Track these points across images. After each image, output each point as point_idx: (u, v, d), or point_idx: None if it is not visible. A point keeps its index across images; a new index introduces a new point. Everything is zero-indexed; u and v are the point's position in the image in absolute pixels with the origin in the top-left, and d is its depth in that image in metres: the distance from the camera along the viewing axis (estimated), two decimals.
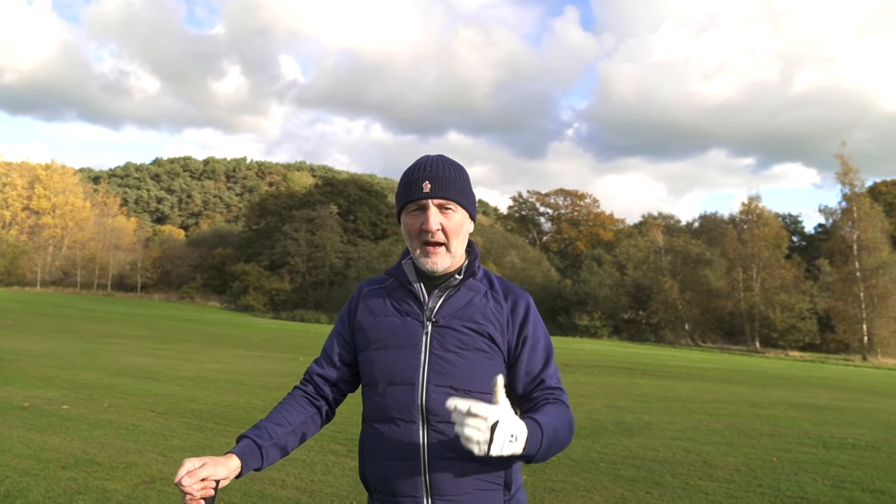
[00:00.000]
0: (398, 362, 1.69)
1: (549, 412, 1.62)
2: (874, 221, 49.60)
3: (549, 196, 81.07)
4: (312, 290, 61.94)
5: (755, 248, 52.56)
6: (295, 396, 1.84)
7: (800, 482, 6.08)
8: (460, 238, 1.72)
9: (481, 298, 1.73)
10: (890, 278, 47.37)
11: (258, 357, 17.20)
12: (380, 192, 78.17)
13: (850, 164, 50.83)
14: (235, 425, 7.60)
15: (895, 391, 18.02)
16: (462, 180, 1.73)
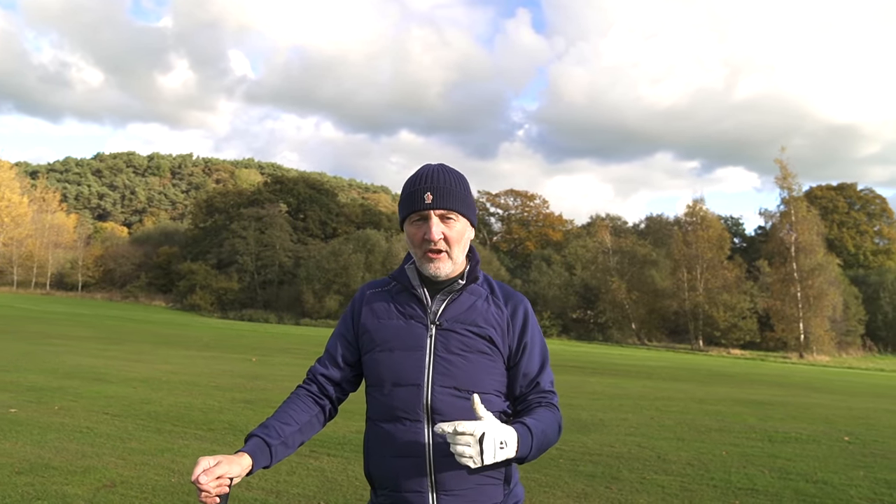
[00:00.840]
0: (404, 364, 1.76)
1: (539, 415, 1.74)
2: (810, 224, 51.58)
3: (500, 196, 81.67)
4: (261, 290, 61.08)
5: (699, 249, 54.03)
6: (300, 396, 1.89)
7: (749, 475, 6.35)
8: (461, 245, 1.79)
9: (483, 303, 1.81)
10: (825, 279, 49.33)
11: (210, 358, 16.93)
12: (330, 190, 77.59)
13: (788, 169, 52.85)
14: (194, 427, 7.51)
15: (831, 387, 18.83)
16: (462, 190, 1.80)
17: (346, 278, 54.87)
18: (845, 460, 7.29)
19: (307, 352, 21.73)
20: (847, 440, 8.59)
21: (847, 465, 7.05)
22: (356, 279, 54.87)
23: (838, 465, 6.98)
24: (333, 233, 67.34)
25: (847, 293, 52.98)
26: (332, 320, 53.50)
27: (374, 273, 55.81)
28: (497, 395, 1.79)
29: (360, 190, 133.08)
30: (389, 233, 62.12)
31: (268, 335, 32.73)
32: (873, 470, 6.84)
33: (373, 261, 56.11)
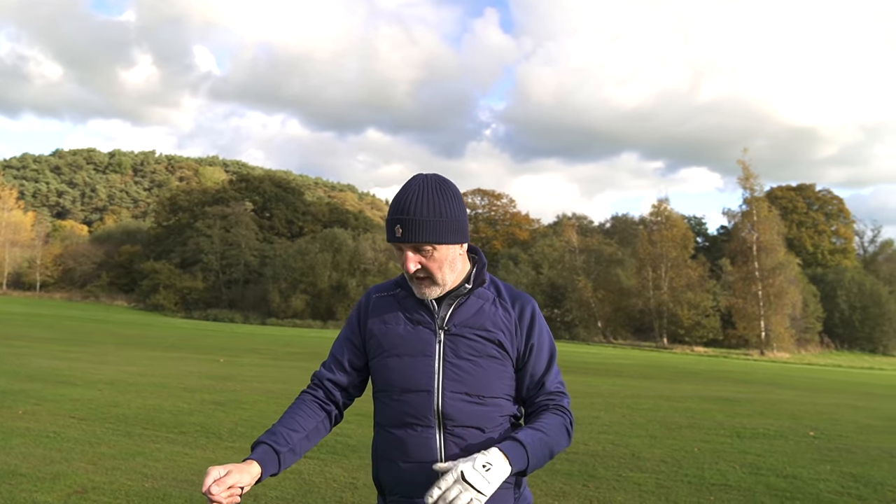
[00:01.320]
0: (413, 369, 1.73)
1: (541, 421, 1.72)
2: (771, 224, 52.75)
3: (467, 195, 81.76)
4: (226, 289, 60.33)
5: (664, 248, 54.84)
6: (305, 401, 1.85)
7: (721, 470, 6.46)
8: (445, 269, 1.72)
9: (490, 306, 1.79)
10: (785, 278, 50.49)
11: (177, 359, 16.65)
12: (296, 189, 76.97)
13: (750, 170, 53.99)
14: (164, 430, 7.37)
15: (793, 383, 19.26)
16: (439, 216, 1.68)
17: (313, 277, 54.51)
18: (812, 455, 7.45)
19: (275, 352, 21.52)
20: (813, 435, 8.78)
21: (814, 459, 7.21)
22: (323, 278, 54.55)
23: (806, 460, 7.13)
24: (300, 231, 66.83)
25: (806, 291, 54.29)
26: (298, 320, 53.13)
27: (341, 272, 55.57)
28: (507, 398, 1.77)
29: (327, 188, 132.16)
30: (356, 232, 61.88)
31: (234, 335, 32.33)
32: (839, 464, 7.00)
33: (340, 260, 55.83)
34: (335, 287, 55.25)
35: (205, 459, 6.09)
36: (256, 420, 8.17)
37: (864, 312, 57.06)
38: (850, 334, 57.48)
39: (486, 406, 1.72)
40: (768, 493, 5.68)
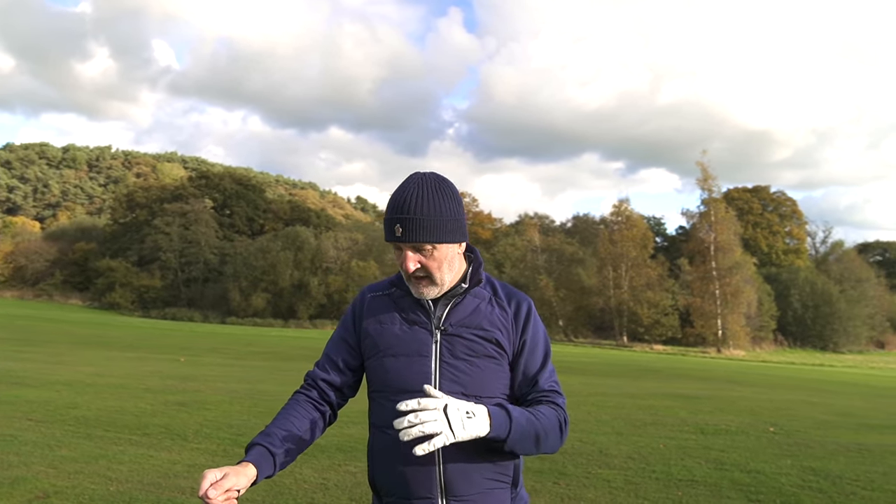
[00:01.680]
0: (410, 370, 1.71)
1: (534, 409, 1.71)
2: (728, 225, 53.88)
3: None
4: (185, 288, 59.25)
5: (624, 248, 55.57)
6: (300, 402, 1.83)
7: (687, 466, 6.57)
8: (444, 269, 1.72)
9: (486, 305, 1.78)
10: (741, 277, 51.65)
11: (136, 359, 16.29)
12: (257, 186, 75.95)
13: (709, 172, 55.03)
14: (127, 431, 7.20)
15: (750, 380, 19.71)
16: (438, 215, 1.67)
17: (275, 276, 53.89)
18: (773, 450, 7.64)
19: (237, 351, 21.23)
20: (772, 431, 9.00)
21: (775, 454, 7.39)
22: (284, 277, 53.96)
23: (768, 455, 7.30)
24: (261, 229, 65.97)
25: (761, 290, 55.56)
26: (259, 319, 52.46)
27: (303, 271, 55.03)
28: (504, 398, 1.76)
29: (288, 186, 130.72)
30: (318, 230, 61.35)
31: (194, 334, 31.76)
32: (799, 458, 7.19)
33: (302, 258, 55.30)
34: (297, 286, 54.68)
35: (170, 461, 5.97)
36: (222, 421, 8.04)
37: (815, 311, 58.61)
38: (802, 332, 58.99)
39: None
40: (734, 488, 5.80)
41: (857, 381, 22.82)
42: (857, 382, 22.28)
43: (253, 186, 72.76)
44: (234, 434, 7.28)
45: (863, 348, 60.08)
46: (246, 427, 7.71)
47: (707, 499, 5.46)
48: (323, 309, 54.60)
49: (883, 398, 15.59)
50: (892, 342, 64.02)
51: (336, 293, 54.37)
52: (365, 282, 55.24)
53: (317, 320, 53.23)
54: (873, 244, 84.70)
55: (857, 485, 6.11)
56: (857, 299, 60.11)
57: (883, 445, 8.26)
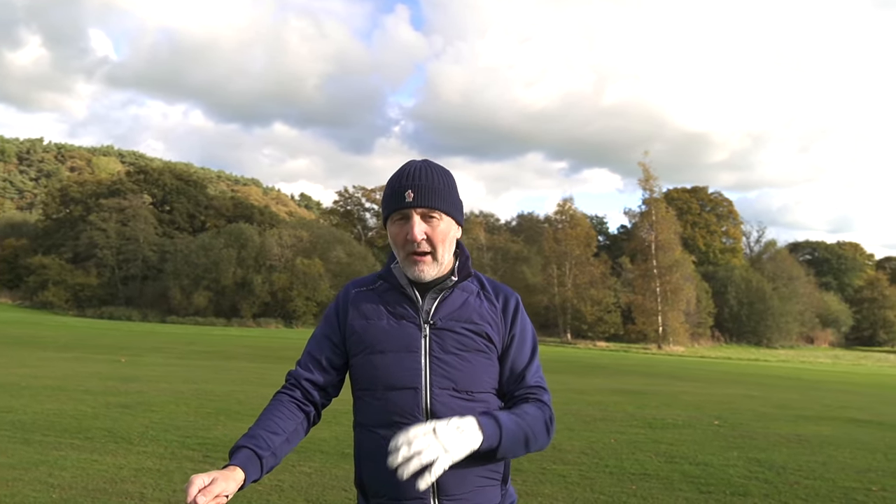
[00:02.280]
0: (399, 366, 1.67)
1: (519, 409, 1.69)
2: (669, 224, 55.30)
3: (375, 192, 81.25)
4: (123, 286, 57.45)
5: (568, 246, 56.45)
6: (283, 402, 1.75)
7: (639, 460, 6.70)
8: (447, 245, 1.71)
9: (475, 299, 1.75)
10: (681, 275, 53.08)
11: (73, 359, 15.68)
12: (198, 182, 74.15)
13: (650, 172, 56.32)
14: (68, 435, 6.91)
15: (692, 375, 20.27)
16: (446, 188, 1.72)
17: (217, 273, 52.75)
18: (719, 443, 7.85)
19: (180, 350, 20.68)
20: (717, 424, 9.26)
21: (722, 447, 7.59)
22: (227, 275, 52.88)
23: (714, 448, 7.50)
24: (202, 226, 64.45)
25: (699, 288, 57.22)
26: (200, 317, 51.30)
27: (247, 269, 54.03)
28: (494, 393, 1.73)
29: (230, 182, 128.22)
30: (262, 227, 60.30)
31: (133, 334, 30.82)
32: (745, 450, 7.41)
33: (245, 255, 54.27)
34: (240, 283, 53.63)
35: (115, 466, 5.76)
36: (168, 422, 7.80)
37: (750, 308, 60.70)
38: (738, 328, 61.02)
39: (474, 402, 1.67)
40: (685, 481, 5.93)
41: (791, 375, 23.73)
42: (791, 376, 23.16)
43: (194, 182, 71.00)
44: (182, 436, 7.07)
45: (794, 343, 62.54)
46: (193, 429, 7.50)
47: (660, 492, 5.57)
48: (267, 307, 53.73)
49: (816, 391, 16.23)
50: (820, 337, 66.84)
51: (280, 291, 53.57)
52: (310, 280, 54.56)
53: (261, 319, 52.36)
54: (803, 244, 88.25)
55: (800, 475, 6.33)
56: (789, 297, 62.50)
57: (820, 436, 8.58)
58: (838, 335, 69.13)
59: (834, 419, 10.34)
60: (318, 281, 54.16)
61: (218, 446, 6.62)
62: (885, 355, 58.12)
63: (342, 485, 5.42)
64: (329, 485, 5.42)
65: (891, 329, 73.33)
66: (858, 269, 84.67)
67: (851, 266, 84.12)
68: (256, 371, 14.97)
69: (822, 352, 59.02)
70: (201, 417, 8.26)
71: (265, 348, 24.83)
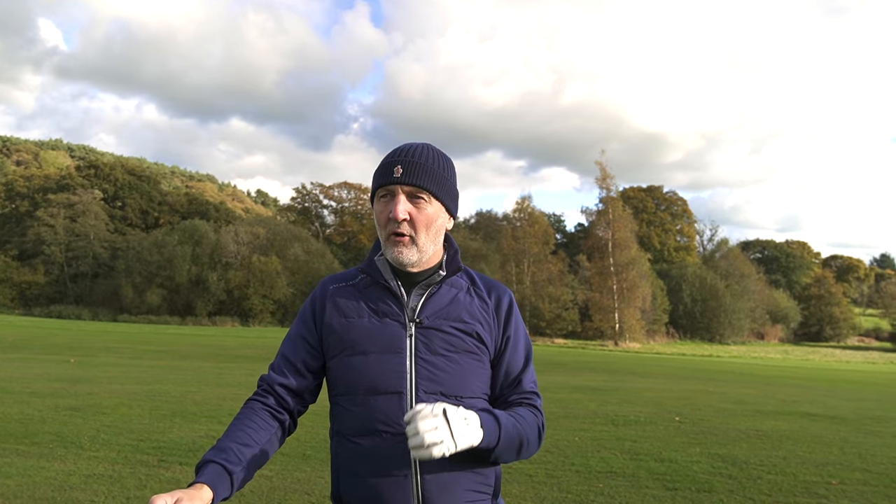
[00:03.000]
0: (381, 368, 1.54)
1: (516, 412, 1.58)
2: (625, 222, 56.04)
3: (333, 189, 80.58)
4: (72, 284, 55.83)
5: (526, 244, 56.81)
6: (255, 410, 1.60)
7: (604, 458, 6.68)
8: (430, 233, 1.58)
9: (465, 295, 1.63)
10: (637, 273, 53.87)
11: (19, 360, 15.09)
12: (151, 177, 72.45)
13: (607, 171, 56.94)
14: (13, 441, 6.59)
15: (649, 372, 20.53)
16: (441, 170, 1.60)
17: (171, 271, 51.63)
18: (681, 439, 7.90)
19: (133, 350, 20.10)
20: (678, 420, 9.33)
21: (684, 443, 7.64)
22: (181, 272, 51.81)
23: (677, 444, 7.54)
24: (156, 223, 63.08)
25: (654, 286, 58.19)
26: (154, 316, 50.16)
27: (202, 266, 53.01)
28: (485, 398, 1.61)
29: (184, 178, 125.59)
30: (218, 224, 59.24)
31: (83, 333, 29.91)
32: (707, 446, 7.47)
33: (200, 253, 53.24)
34: (194, 281, 52.58)
35: (65, 473, 5.49)
36: (121, 426, 7.51)
37: (704, 305, 61.98)
38: (691, 325, 62.24)
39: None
40: (651, 478, 5.92)
41: (745, 371, 24.22)
42: (745, 372, 23.64)
43: (147, 177, 69.37)
44: (136, 440, 6.80)
45: (745, 339, 64.09)
46: (147, 432, 7.24)
47: (627, 489, 5.55)
48: (223, 306, 52.81)
49: (770, 386, 16.57)
50: (770, 333, 68.63)
51: (236, 289, 52.71)
52: (267, 278, 53.80)
53: (216, 317, 51.43)
54: (754, 242, 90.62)
55: (762, 469, 6.39)
56: (741, 294, 63.98)
57: (778, 431, 8.71)
58: (787, 331, 71.07)
59: (790, 414, 10.53)
60: (276, 279, 53.44)
61: (174, 450, 6.38)
62: (831, 350, 59.97)
63: (304, 488, 5.27)
64: (291, 489, 5.26)
65: (836, 325, 75.74)
66: (806, 267, 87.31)
67: (799, 264, 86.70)
68: (213, 371, 14.61)
69: (773, 347, 60.58)
70: (156, 420, 7.99)
71: (221, 347, 24.33)
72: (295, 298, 55.38)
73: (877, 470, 6.57)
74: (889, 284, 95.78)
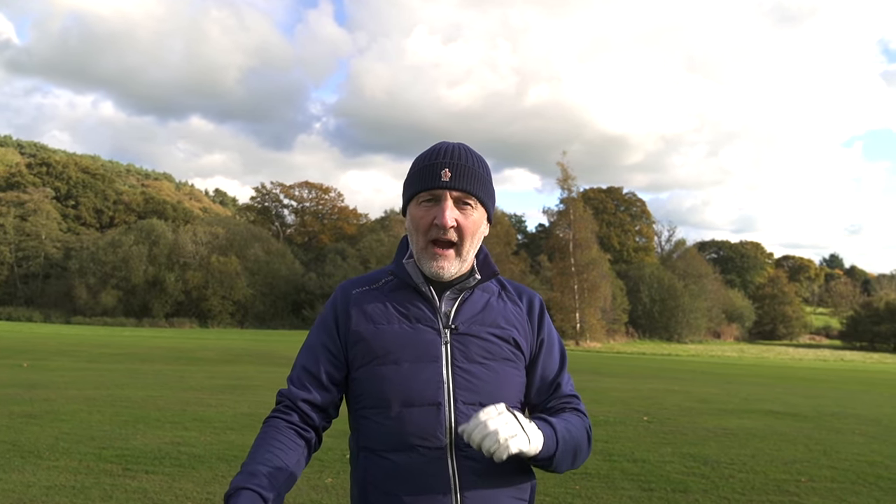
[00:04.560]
0: (417, 378, 1.45)
1: (565, 418, 1.51)
2: (586, 223, 56.73)
3: (294, 188, 79.83)
4: (23, 285, 54.22)
5: (488, 244, 56.87)
6: (280, 429, 1.48)
7: None
8: (475, 241, 1.52)
9: (497, 300, 1.57)
10: (598, 273, 54.55)
11: None
12: (106, 176, 70.77)
13: (568, 172, 57.56)
14: None
15: (612, 371, 20.76)
16: (486, 174, 1.55)
17: (127, 272, 50.49)
18: (652, 439, 7.95)
19: (89, 353, 19.53)
20: (647, 420, 9.41)
21: (655, 443, 7.69)
22: (138, 273, 50.72)
23: (648, 444, 7.58)
24: (111, 222, 61.60)
25: (614, 286, 58.99)
26: (109, 318, 48.97)
27: (159, 266, 51.95)
28: (520, 407, 1.55)
29: (140, 176, 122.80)
30: (176, 223, 58.12)
31: (35, 336, 28.98)
32: (677, 446, 7.53)
33: (157, 253, 52.19)
34: (151, 282, 51.49)
35: (23, 484, 5.25)
36: (81, 433, 7.24)
37: (662, 305, 63.10)
38: (650, 324, 63.29)
39: None
40: (626, 479, 5.93)
41: (705, 370, 24.65)
42: (705, 371, 24.06)
43: (101, 176, 67.69)
44: (98, 447, 6.56)
45: (702, 338, 65.47)
46: (110, 439, 6.99)
47: (603, 490, 5.54)
48: (181, 307, 51.83)
49: (731, 384, 16.87)
50: (726, 332, 70.23)
51: (195, 290, 51.79)
52: (226, 278, 52.96)
53: (174, 319, 50.47)
54: (710, 243, 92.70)
55: (734, 468, 6.46)
56: (698, 293, 65.31)
57: (745, 429, 8.84)
58: (742, 330, 72.80)
59: (753, 412, 10.70)
60: (235, 279, 52.68)
61: (139, 458, 6.16)
62: (784, 348, 61.59)
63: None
64: None
65: (789, 324, 77.91)
66: (760, 267, 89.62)
67: (753, 264, 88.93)
68: (174, 374, 14.26)
69: (729, 346, 61.92)
70: (118, 426, 7.72)
71: (181, 350, 23.81)
72: (255, 299, 54.66)
73: (842, 467, 6.69)
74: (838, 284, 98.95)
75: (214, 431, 7.61)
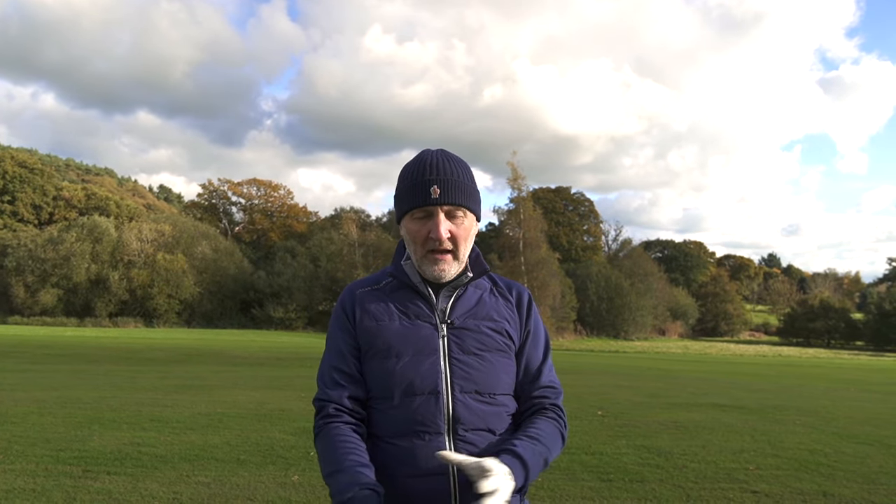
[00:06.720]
0: (417, 370, 1.57)
1: (537, 428, 1.62)
2: (535, 222, 57.45)
3: (242, 185, 78.60)
4: None
5: None
6: (344, 431, 1.58)
7: None
8: (468, 244, 1.65)
9: (489, 296, 1.69)
10: (547, 272, 55.32)
11: None
12: (45, 170, 68.34)
13: (518, 172, 58.21)
14: None
15: (562, 368, 21.09)
16: (470, 181, 1.66)
17: (68, 270, 48.95)
18: (607, 432, 8.20)
19: (32, 354, 18.92)
20: (601, 414, 9.68)
21: (610, 436, 7.94)
22: (80, 271, 49.21)
23: (604, 437, 7.83)
24: (50, 219, 59.55)
25: (563, 284, 59.90)
26: (48, 317, 47.40)
27: (102, 265, 50.51)
28: (511, 395, 1.67)
29: (81, 172, 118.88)
30: (119, 220, 56.59)
31: None
32: (631, 438, 7.79)
33: (100, 250, 50.71)
34: (94, 281, 50.03)
35: None
36: (35, 435, 7.08)
37: (609, 303, 64.38)
38: (598, 322, 64.49)
39: (496, 405, 1.61)
40: (586, 471, 6.14)
41: (651, 366, 25.32)
42: (652, 367, 24.71)
43: (40, 171, 65.35)
44: (54, 450, 6.43)
45: (648, 335, 67.05)
46: (66, 441, 6.86)
47: (565, 482, 5.73)
48: (125, 306, 50.51)
49: (678, 380, 17.42)
50: (671, 329, 72.08)
51: (140, 289, 50.53)
52: (173, 277, 51.82)
53: (118, 318, 49.14)
54: (655, 242, 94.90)
55: (686, 458, 6.74)
56: (644, 292, 66.88)
57: (694, 422, 9.19)
58: (686, 327, 74.82)
59: (700, 405, 11.11)
60: (182, 277, 51.61)
61: (99, 459, 6.08)
62: (726, 344, 63.58)
63: (245, 494, 5.15)
64: (230, 494, 5.13)
65: (730, 321, 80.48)
66: (703, 266, 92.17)
67: (696, 263, 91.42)
68: (125, 374, 13.96)
69: (673, 342, 63.59)
70: (72, 428, 7.57)
71: (128, 350, 23.26)
72: (202, 298, 53.64)
73: (786, 455, 7.05)
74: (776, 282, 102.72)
75: (174, 432, 7.53)
